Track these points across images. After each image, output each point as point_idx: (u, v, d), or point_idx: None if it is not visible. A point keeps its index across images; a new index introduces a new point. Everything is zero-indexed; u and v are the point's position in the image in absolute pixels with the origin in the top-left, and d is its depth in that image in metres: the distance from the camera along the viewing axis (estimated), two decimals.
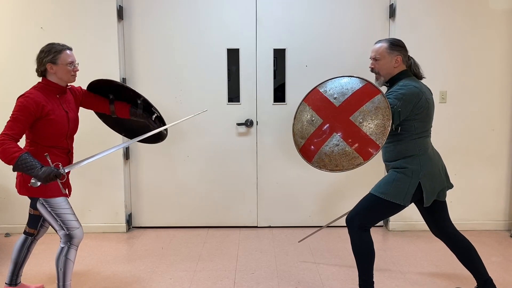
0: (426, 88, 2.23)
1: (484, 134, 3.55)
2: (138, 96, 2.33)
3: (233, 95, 3.61)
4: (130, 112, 2.40)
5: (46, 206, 2.16)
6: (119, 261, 3.04)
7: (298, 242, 3.24)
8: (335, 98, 2.21)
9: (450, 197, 3.62)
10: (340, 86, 2.22)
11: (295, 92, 3.56)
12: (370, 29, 3.52)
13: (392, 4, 3.48)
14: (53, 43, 2.20)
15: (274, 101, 3.60)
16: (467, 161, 3.57)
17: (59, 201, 2.17)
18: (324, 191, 3.68)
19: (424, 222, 2.49)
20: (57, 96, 2.20)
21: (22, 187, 2.16)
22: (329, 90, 2.25)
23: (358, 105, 2.12)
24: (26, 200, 3.58)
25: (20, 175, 2.18)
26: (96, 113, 2.61)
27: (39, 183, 1.96)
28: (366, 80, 2.18)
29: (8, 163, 1.96)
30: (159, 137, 2.54)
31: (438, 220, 2.34)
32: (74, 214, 2.22)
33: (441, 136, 3.55)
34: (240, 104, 3.59)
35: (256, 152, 3.65)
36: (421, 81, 2.31)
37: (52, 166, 2.02)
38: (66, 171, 2.03)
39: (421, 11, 3.42)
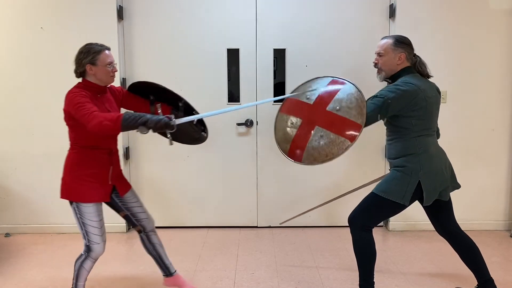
0: (430, 87, 2.22)
1: (484, 134, 3.55)
2: (180, 98, 2.29)
3: (233, 95, 3.61)
4: (171, 113, 2.31)
5: (77, 211, 2.14)
6: (119, 261, 3.04)
7: (280, 223, 3.18)
8: (307, 98, 2.31)
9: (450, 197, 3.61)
10: (310, 88, 2.35)
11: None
12: (370, 29, 3.52)
13: (392, 4, 3.48)
14: (91, 43, 2.16)
15: (274, 101, 3.60)
16: (467, 161, 3.57)
17: (90, 210, 2.14)
18: (324, 191, 3.68)
19: (424, 222, 2.50)
20: (98, 95, 2.18)
21: (62, 191, 2.17)
22: (301, 94, 2.37)
23: (331, 97, 2.22)
24: (26, 200, 3.58)
25: (62, 179, 2.17)
26: None
27: (147, 131, 1.90)
28: (331, 76, 2.32)
29: (115, 126, 1.88)
30: (198, 139, 2.46)
31: (442, 219, 2.33)
32: (101, 228, 2.18)
33: (441, 136, 3.52)
34: (240, 104, 3.59)
35: (256, 152, 3.65)
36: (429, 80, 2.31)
37: (162, 116, 1.94)
38: (177, 123, 1.96)
39: (421, 11, 3.42)
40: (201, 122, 2.35)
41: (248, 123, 3.59)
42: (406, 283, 2.66)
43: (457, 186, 2.35)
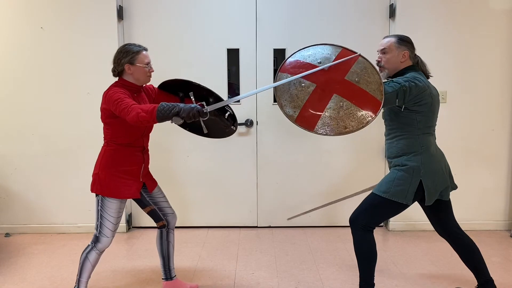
0: (432, 86, 2.24)
1: (484, 134, 3.55)
2: (211, 93, 2.31)
3: (233, 95, 3.61)
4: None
5: (100, 203, 2.20)
6: (119, 261, 3.04)
7: (288, 219, 3.12)
8: (319, 63, 2.16)
9: (450, 197, 3.61)
10: (319, 53, 2.19)
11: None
12: (370, 29, 3.52)
13: (392, 4, 3.48)
14: (129, 43, 2.22)
15: (274, 101, 3.60)
16: (467, 161, 3.57)
17: (113, 206, 2.20)
18: (324, 191, 3.68)
19: (424, 222, 2.50)
20: (134, 95, 2.23)
21: (95, 185, 2.21)
22: (309, 57, 2.20)
23: (347, 67, 2.11)
24: (26, 201, 3.58)
25: (95, 174, 2.21)
26: None
27: (181, 121, 1.95)
28: (340, 46, 2.20)
29: (151, 117, 1.93)
30: (228, 132, 2.47)
31: (442, 219, 2.33)
32: (116, 224, 2.24)
33: (441, 136, 3.53)
34: (240, 104, 3.59)
35: (256, 152, 3.65)
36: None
37: (195, 104, 1.98)
38: (209, 110, 2.01)
39: (421, 11, 3.42)
40: (232, 116, 2.36)
41: (248, 123, 3.59)
42: (406, 283, 2.66)
43: (455, 187, 2.34)
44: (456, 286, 2.61)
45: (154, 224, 3.68)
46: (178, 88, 2.37)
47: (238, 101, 2.13)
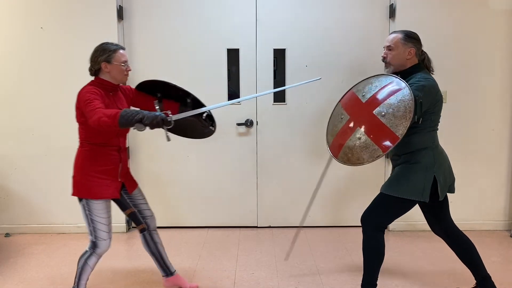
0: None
1: (484, 134, 3.55)
2: (188, 94, 2.32)
3: (233, 95, 3.61)
4: (179, 110, 2.37)
5: (86, 208, 2.18)
6: (119, 261, 3.04)
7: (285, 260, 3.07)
8: (363, 96, 2.24)
9: (450, 197, 3.60)
10: (370, 84, 2.26)
11: (295, 92, 3.56)
12: (370, 29, 3.52)
13: (392, 4, 3.48)
14: (106, 42, 2.22)
15: (274, 101, 3.60)
16: (467, 161, 3.57)
17: (99, 207, 2.18)
18: (324, 191, 3.68)
19: (424, 222, 2.51)
20: (110, 94, 2.22)
21: (75, 189, 2.19)
22: (361, 89, 2.29)
23: (383, 100, 2.12)
24: (26, 201, 3.58)
25: (73, 177, 2.19)
26: None
27: (144, 128, 1.94)
28: (395, 77, 2.19)
29: (113, 122, 1.90)
30: (207, 133, 2.49)
31: (440, 217, 2.35)
32: (108, 225, 2.22)
33: (441, 136, 3.50)
34: (240, 104, 3.59)
35: (256, 152, 3.65)
36: None
37: (159, 112, 1.97)
38: (174, 119, 1.99)
39: (421, 11, 3.42)
40: (209, 116, 2.36)
41: (248, 123, 3.59)
42: (406, 283, 2.66)
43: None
44: (456, 286, 2.61)
45: None
46: (156, 89, 2.37)
47: (209, 111, 2.19)
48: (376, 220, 2.23)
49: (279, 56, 3.57)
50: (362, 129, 2.15)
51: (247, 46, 3.54)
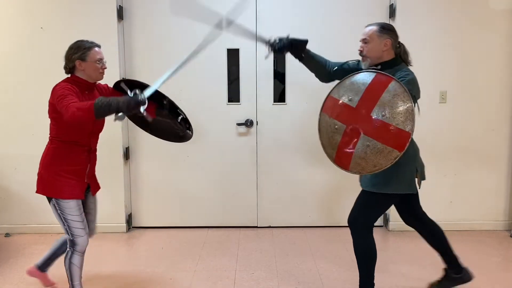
0: None
1: (484, 134, 3.55)
2: (164, 97, 2.31)
3: (233, 95, 3.61)
4: (156, 112, 2.35)
5: (57, 207, 2.16)
6: (119, 261, 3.04)
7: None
8: (350, 100, 2.12)
9: (450, 197, 3.62)
10: (352, 85, 2.14)
11: (295, 92, 3.56)
12: None
13: (392, 4, 3.48)
14: (82, 40, 2.20)
15: (274, 101, 3.60)
16: (467, 161, 3.57)
17: (70, 205, 2.15)
18: (324, 191, 3.68)
19: None
20: (86, 92, 2.19)
21: (40, 186, 2.17)
22: (343, 93, 2.16)
23: (375, 99, 2.03)
24: (26, 201, 3.58)
25: (39, 173, 2.17)
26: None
27: (122, 117, 1.90)
28: (375, 71, 2.12)
29: (89, 115, 1.86)
30: (184, 137, 2.48)
31: (414, 206, 2.42)
32: (82, 221, 2.19)
33: (441, 136, 3.55)
34: (240, 104, 3.59)
35: (256, 152, 3.65)
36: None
37: (130, 94, 1.93)
38: (146, 96, 1.94)
39: (421, 11, 3.42)
40: (185, 120, 2.36)
41: (248, 123, 3.59)
42: (406, 283, 2.66)
43: None
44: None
45: (154, 224, 3.72)
46: (132, 88, 2.35)
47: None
48: (365, 221, 2.24)
49: (279, 56, 3.57)
50: (367, 134, 2.04)
51: (247, 46, 3.54)
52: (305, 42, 2.40)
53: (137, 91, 1.93)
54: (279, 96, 3.61)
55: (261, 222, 3.74)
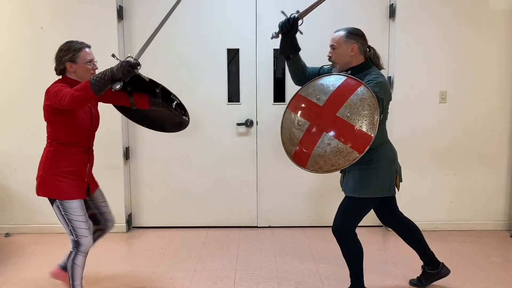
0: None
1: (484, 134, 3.55)
2: (156, 85, 2.27)
3: (233, 95, 3.61)
4: (149, 102, 2.32)
5: (61, 209, 2.15)
6: (119, 261, 3.04)
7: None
8: (318, 99, 2.16)
9: (450, 197, 3.62)
10: (321, 85, 2.18)
11: (295, 92, 3.55)
12: (370, 29, 3.48)
13: (392, 4, 3.48)
14: (71, 41, 2.19)
15: (274, 101, 3.60)
16: (467, 161, 3.57)
17: (74, 206, 2.15)
18: (324, 191, 3.68)
19: (424, 222, 2.56)
20: None
21: (41, 188, 2.16)
22: (311, 92, 2.20)
23: (342, 100, 2.06)
24: (26, 201, 3.58)
25: (39, 176, 2.17)
26: (116, 107, 2.54)
27: (119, 84, 1.89)
28: (345, 75, 2.15)
29: (87, 92, 1.87)
30: (180, 123, 2.46)
31: (392, 206, 2.46)
32: (86, 222, 2.20)
33: (441, 136, 3.55)
34: (240, 104, 3.59)
35: (256, 152, 3.65)
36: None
37: (120, 60, 1.95)
38: (137, 58, 1.94)
39: (421, 11, 3.42)
40: (180, 106, 2.32)
41: (248, 123, 3.59)
42: (406, 283, 2.66)
43: None
44: (455, 286, 2.61)
45: (154, 224, 3.72)
46: (125, 84, 2.35)
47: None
48: (349, 227, 2.27)
49: (279, 56, 3.57)
50: (330, 133, 2.06)
51: (247, 46, 3.54)
52: (297, 50, 2.42)
53: (130, 55, 1.94)
54: (279, 96, 3.61)
55: (261, 222, 3.74)
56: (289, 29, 2.31)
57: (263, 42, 3.53)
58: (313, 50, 3.54)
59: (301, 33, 2.32)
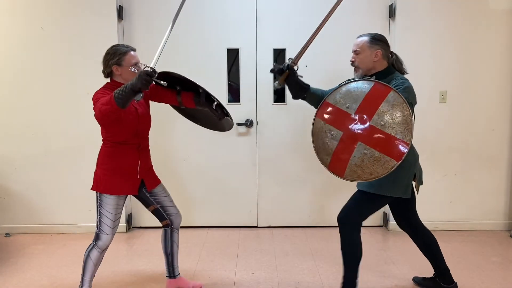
0: None
1: (484, 134, 3.55)
2: (198, 86, 2.34)
3: (233, 95, 3.61)
4: (194, 101, 2.39)
5: (98, 199, 2.24)
6: (119, 261, 3.04)
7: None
8: (347, 107, 2.11)
9: (450, 197, 3.62)
10: (349, 92, 2.14)
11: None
12: (370, 29, 3.48)
13: (392, 4, 3.48)
14: (117, 44, 2.26)
15: (274, 101, 3.60)
16: (467, 161, 3.57)
17: (109, 201, 2.23)
18: (324, 191, 3.68)
19: (424, 222, 2.53)
20: None
21: (93, 183, 2.26)
22: (340, 100, 2.15)
23: (374, 108, 2.04)
24: (26, 200, 3.58)
25: (95, 172, 2.26)
26: (172, 106, 2.62)
27: (141, 94, 1.97)
28: (373, 81, 2.12)
29: (112, 105, 1.94)
30: (224, 124, 2.50)
31: (409, 212, 2.42)
32: (114, 221, 2.26)
33: (441, 136, 3.55)
34: (240, 104, 3.59)
35: (256, 152, 3.65)
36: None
37: (137, 71, 2.06)
38: (153, 66, 2.02)
39: (421, 11, 3.42)
40: (219, 106, 2.36)
41: (248, 123, 3.59)
42: (406, 283, 2.66)
43: None
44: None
45: (154, 224, 3.71)
46: (172, 81, 2.37)
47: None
48: (355, 219, 2.26)
49: (279, 56, 3.57)
50: (365, 143, 2.04)
51: (247, 46, 3.54)
52: (305, 89, 2.40)
53: (146, 65, 2.01)
54: (279, 96, 3.61)
55: (261, 222, 3.74)
56: (286, 77, 2.30)
57: (263, 42, 3.53)
58: (313, 49, 3.55)
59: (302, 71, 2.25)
